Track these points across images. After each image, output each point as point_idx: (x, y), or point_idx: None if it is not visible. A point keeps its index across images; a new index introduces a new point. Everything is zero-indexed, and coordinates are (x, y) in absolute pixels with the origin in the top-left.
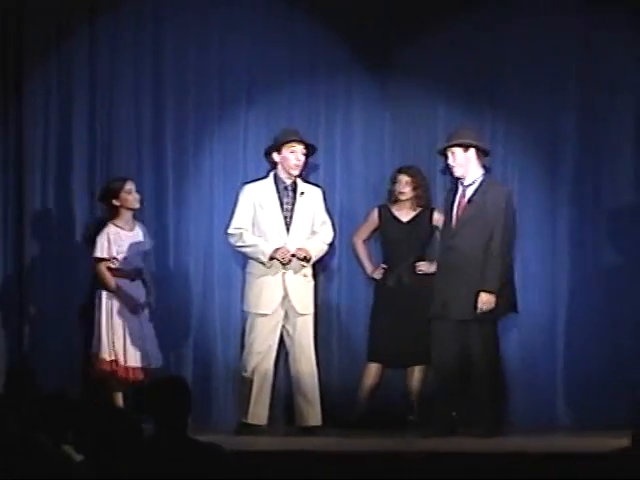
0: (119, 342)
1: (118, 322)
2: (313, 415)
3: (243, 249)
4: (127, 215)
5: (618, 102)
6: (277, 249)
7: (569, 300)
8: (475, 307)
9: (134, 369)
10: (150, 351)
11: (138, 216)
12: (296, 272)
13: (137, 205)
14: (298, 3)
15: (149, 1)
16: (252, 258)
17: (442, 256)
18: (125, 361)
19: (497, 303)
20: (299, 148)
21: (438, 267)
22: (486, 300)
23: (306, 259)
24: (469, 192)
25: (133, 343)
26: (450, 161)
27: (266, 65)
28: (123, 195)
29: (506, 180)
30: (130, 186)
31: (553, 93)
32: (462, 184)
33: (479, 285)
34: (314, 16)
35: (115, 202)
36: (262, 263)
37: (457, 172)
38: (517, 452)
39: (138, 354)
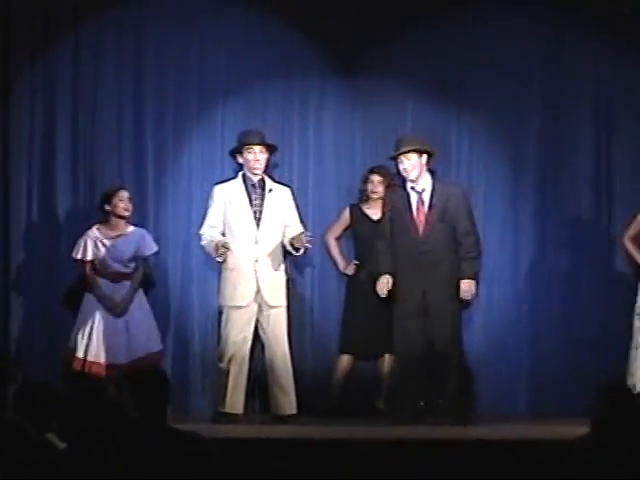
0: (92, 340)
1: (94, 321)
2: (288, 404)
3: (205, 245)
4: (115, 221)
5: (578, 105)
6: (215, 245)
7: (532, 293)
8: (451, 300)
9: (109, 366)
10: (138, 342)
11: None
12: (269, 266)
13: (125, 214)
14: (273, 9)
15: (131, 7)
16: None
17: (412, 260)
18: (97, 358)
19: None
20: (257, 149)
21: (407, 268)
22: (468, 287)
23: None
24: (426, 198)
25: (107, 341)
26: (405, 165)
27: (242, 67)
28: (114, 201)
29: (472, 175)
30: (123, 194)
31: (517, 93)
32: (414, 189)
33: (457, 276)
34: (288, 21)
35: (107, 207)
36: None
37: (412, 175)
38: (482, 440)
39: (115, 351)
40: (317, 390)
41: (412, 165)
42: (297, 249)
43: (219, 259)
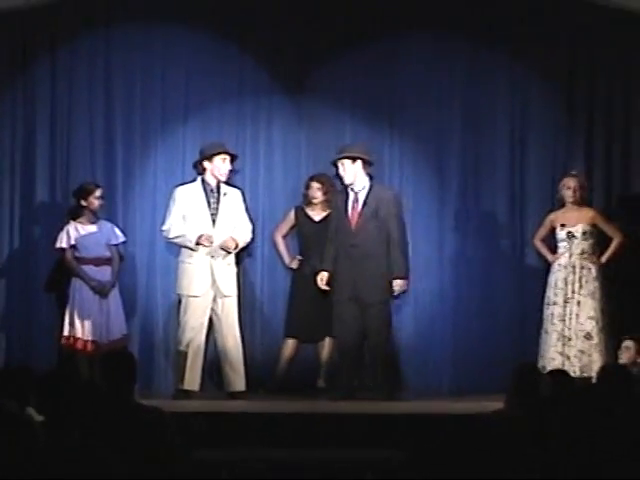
0: (79, 319)
1: (80, 302)
2: (238, 382)
3: (174, 240)
4: (89, 214)
5: (494, 123)
6: (200, 235)
7: (455, 286)
8: (380, 291)
9: (92, 342)
10: (115, 325)
11: (101, 215)
12: (221, 260)
13: (98, 209)
14: (227, 36)
15: (101, 34)
16: (183, 246)
17: (346, 252)
18: (83, 335)
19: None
20: (228, 158)
21: (342, 260)
22: (401, 285)
23: (236, 246)
24: (361, 197)
25: (93, 320)
26: (340, 171)
27: (200, 88)
28: (91, 199)
29: (402, 184)
30: (99, 192)
31: (441, 114)
32: (353, 190)
33: (390, 273)
34: (241, 47)
35: (83, 202)
36: (190, 249)
37: (347, 180)
38: (410, 413)
39: (97, 329)
40: (265, 370)
41: (345, 170)
42: (228, 251)
43: (205, 243)
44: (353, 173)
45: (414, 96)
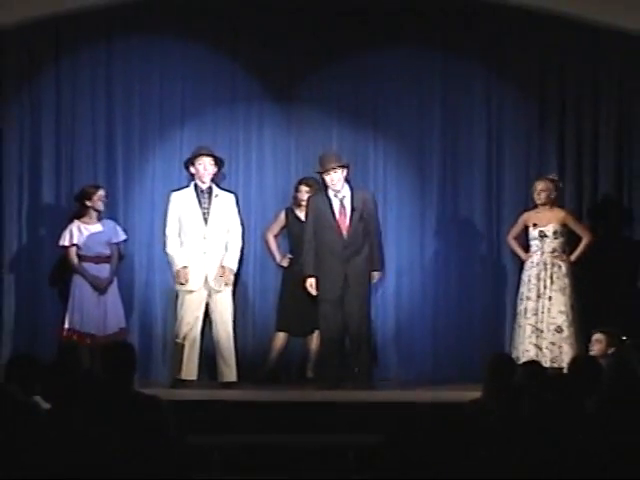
0: (78, 313)
1: (79, 297)
2: (229, 373)
3: (168, 254)
4: (93, 214)
5: (472, 128)
6: (178, 271)
7: (434, 282)
8: (364, 285)
9: (90, 335)
10: (112, 319)
11: (104, 215)
12: (214, 258)
13: (102, 208)
14: (221, 48)
15: (102, 46)
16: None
17: (339, 253)
18: (81, 328)
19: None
20: (207, 160)
21: (331, 261)
22: (378, 276)
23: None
24: (347, 203)
25: (91, 314)
26: (333, 179)
27: (196, 95)
28: (94, 199)
29: (386, 187)
30: (102, 193)
31: (422, 121)
32: (337, 196)
33: (371, 267)
34: (233, 58)
35: (87, 203)
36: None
37: (339, 186)
38: (391, 402)
39: (95, 323)
40: (256, 361)
41: (339, 178)
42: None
43: (182, 280)
44: (342, 181)
45: (396, 104)
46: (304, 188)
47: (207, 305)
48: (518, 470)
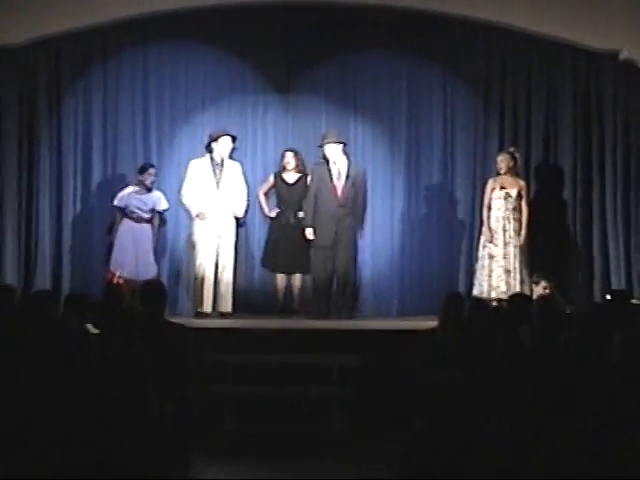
0: (120, 260)
1: (120, 248)
2: (225, 304)
3: (185, 204)
4: (143, 185)
5: (432, 114)
6: (199, 213)
7: (402, 236)
8: (352, 238)
9: (127, 280)
10: (146, 269)
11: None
12: (224, 214)
13: (149, 183)
14: (233, 50)
15: (139, 51)
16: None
17: (334, 212)
18: (122, 273)
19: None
20: (228, 139)
21: (327, 217)
22: (362, 232)
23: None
24: (343, 172)
25: (129, 263)
26: (332, 152)
27: (214, 86)
28: (146, 175)
29: (365, 159)
30: (152, 170)
31: (392, 106)
32: (335, 165)
33: (356, 224)
34: (244, 59)
35: (140, 177)
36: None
37: (334, 159)
38: (366, 329)
39: (132, 270)
40: (252, 294)
41: (334, 151)
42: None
43: (201, 218)
44: (339, 154)
45: (372, 94)
46: (289, 154)
47: (217, 254)
48: (465, 384)
